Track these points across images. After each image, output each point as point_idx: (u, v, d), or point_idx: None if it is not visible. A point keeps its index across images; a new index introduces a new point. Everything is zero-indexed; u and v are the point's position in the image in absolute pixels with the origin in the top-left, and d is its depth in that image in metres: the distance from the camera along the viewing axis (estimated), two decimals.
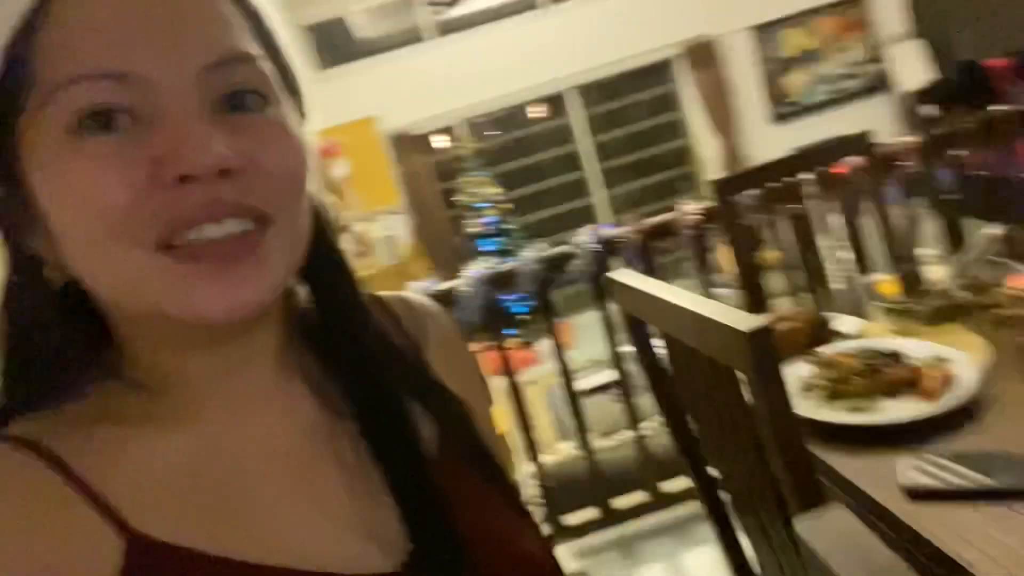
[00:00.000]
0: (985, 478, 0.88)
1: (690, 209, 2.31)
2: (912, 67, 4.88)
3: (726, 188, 2.05)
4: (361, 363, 0.52)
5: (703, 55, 5.27)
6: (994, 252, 1.41)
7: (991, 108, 2.48)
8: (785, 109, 5.29)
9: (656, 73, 5.67)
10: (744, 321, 0.87)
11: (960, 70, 4.53)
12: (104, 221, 0.40)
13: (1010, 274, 1.30)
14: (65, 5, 0.40)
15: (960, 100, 4.18)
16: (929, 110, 4.64)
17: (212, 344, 0.46)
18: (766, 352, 0.86)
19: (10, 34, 0.40)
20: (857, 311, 1.45)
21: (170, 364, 0.47)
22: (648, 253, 2.29)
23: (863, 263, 1.97)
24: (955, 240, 2.35)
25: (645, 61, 5.46)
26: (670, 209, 2.39)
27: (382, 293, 0.60)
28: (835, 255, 1.99)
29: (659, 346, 1.21)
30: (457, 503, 0.49)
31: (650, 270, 2.23)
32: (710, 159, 5.45)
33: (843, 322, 1.39)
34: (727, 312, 0.92)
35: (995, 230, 1.47)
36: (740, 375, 0.93)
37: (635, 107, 5.81)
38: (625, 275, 1.24)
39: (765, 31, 5.24)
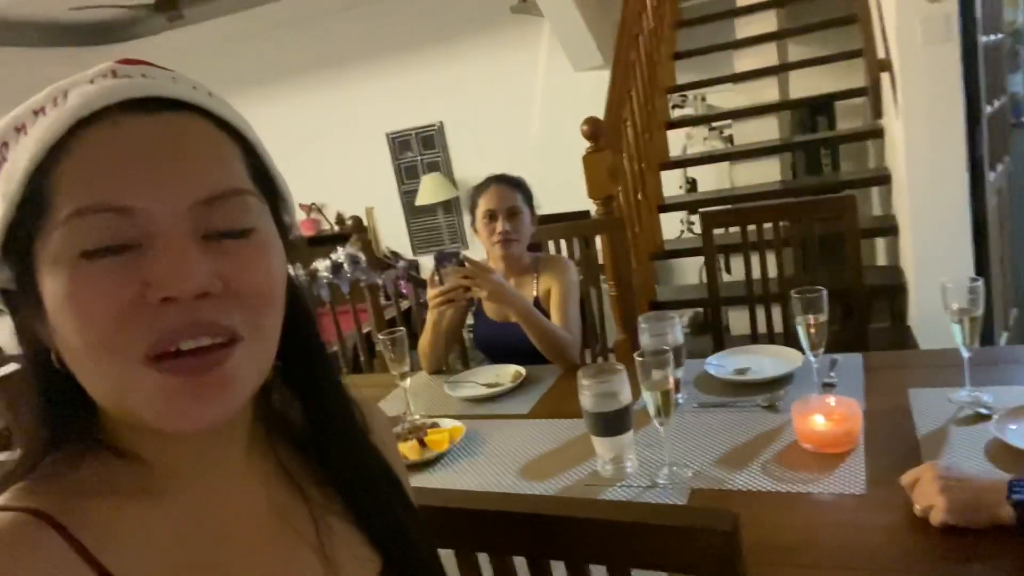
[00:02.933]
0: None
1: None
2: None
3: None
4: (355, 466, 0.62)
5: None
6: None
7: None
8: None
9: None
10: None
11: None
12: (96, 333, 0.45)
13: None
14: (80, 144, 0.45)
15: None
16: None
17: (185, 437, 0.50)
18: None
19: (34, 164, 0.45)
20: None
21: (149, 445, 0.51)
22: None
23: None
24: None
25: None
26: None
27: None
28: None
29: None
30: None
31: None
32: None
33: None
34: None
35: None
36: None
37: None
38: None
39: None
